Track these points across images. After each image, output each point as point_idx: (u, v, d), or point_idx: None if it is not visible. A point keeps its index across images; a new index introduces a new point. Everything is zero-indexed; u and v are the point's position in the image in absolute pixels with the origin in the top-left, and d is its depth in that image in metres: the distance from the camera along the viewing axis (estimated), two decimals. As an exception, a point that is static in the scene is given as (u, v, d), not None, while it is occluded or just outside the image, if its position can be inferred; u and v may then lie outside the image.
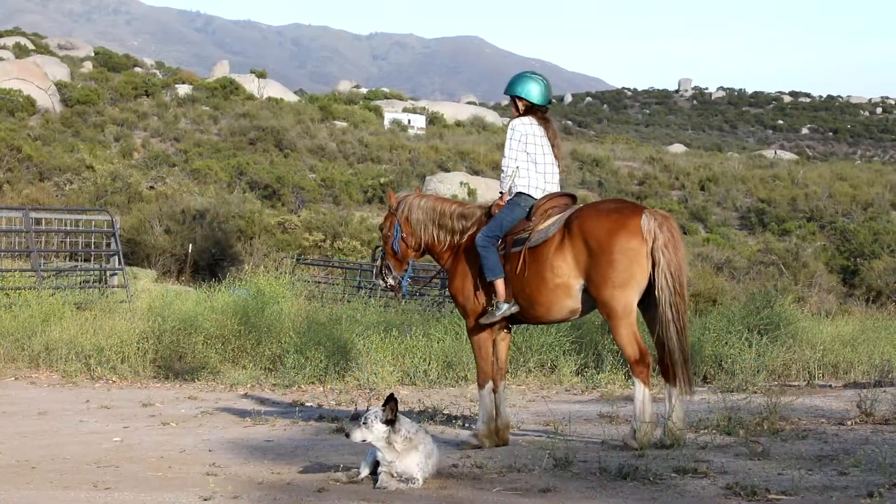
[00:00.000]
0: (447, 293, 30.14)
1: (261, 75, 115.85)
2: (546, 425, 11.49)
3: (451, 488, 8.57)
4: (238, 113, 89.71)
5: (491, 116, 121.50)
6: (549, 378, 16.26)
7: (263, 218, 52.90)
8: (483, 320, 10.26)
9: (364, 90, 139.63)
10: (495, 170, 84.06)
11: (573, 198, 10.38)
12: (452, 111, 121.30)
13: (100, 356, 16.77)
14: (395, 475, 8.59)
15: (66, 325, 18.01)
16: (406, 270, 10.98)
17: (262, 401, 14.26)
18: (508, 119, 10.38)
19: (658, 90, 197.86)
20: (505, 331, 10.53)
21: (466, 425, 11.89)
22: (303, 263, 39.74)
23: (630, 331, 9.67)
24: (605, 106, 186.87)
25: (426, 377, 15.67)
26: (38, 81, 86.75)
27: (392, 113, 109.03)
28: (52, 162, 67.32)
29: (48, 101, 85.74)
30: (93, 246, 27.07)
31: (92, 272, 26.35)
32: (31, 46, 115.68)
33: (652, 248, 9.49)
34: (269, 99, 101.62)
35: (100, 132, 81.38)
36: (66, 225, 28.24)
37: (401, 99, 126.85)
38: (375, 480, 8.66)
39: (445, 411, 12.60)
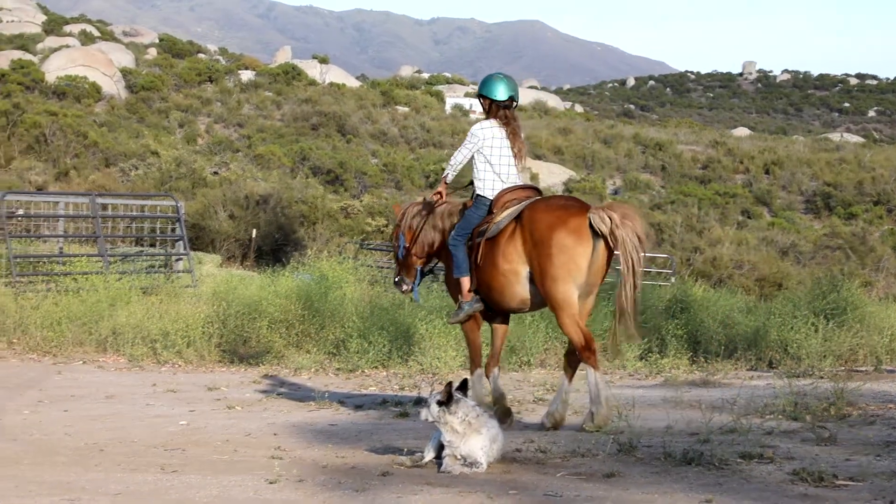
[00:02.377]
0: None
1: (323, 61, 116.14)
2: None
3: (515, 472, 8.56)
4: (300, 98, 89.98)
5: (553, 101, 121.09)
6: (613, 363, 16.19)
7: (326, 203, 53.05)
8: (449, 321, 11.06)
9: (426, 75, 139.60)
10: (557, 154, 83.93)
11: (537, 190, 10.92)
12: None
13: (165, 340, 16.89)
14: (459, 459, 8.60)
15: (133, 309, 18.16)
16: (416, 277, 11.48)
17: (326, 385, 14.31)
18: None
19: (721, 73, 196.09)
20: (500, 320, 11.08)
21: (532, 410, 11.87)
22: (365, 248, 39.83)
23: (572, 320, 10.15)
24: (667, 90, 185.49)
25: (489, 362, 15.65)
26: (104, 68, 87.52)
27: (453, 98, 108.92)
28: (117, 148, 67.89)
29: (113, 88, 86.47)
30: (158, 231, 27.27)
31: (157, 257, 26.54)
32: (96, 34, 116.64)
33: (611, 230, 9.98)
34: (332, 84, 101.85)
35: (164, 118, 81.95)
36: (131, 210, 28.48)
37: (462, 84, 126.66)
38: (440, 464, 8.67)
39: (508, 396, 12.59)
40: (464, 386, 8.80)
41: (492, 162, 10.78)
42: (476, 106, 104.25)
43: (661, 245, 59.87)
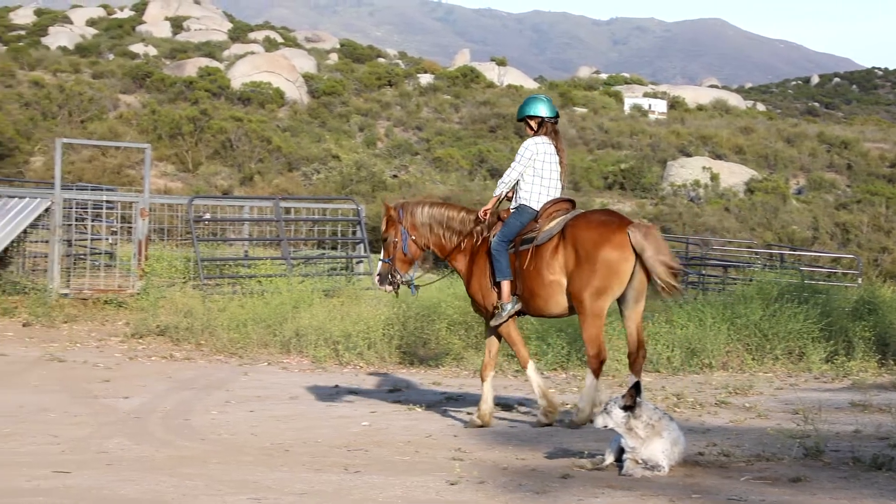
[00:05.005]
0: (689, 280, 29.77)
1: (501, 63, 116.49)
2: (795, 413, 11.20)
3: (697, 476, 8.46)
4: (479, 101, 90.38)
5: (734, 100, 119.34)
6: (797, 366, 15.87)
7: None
8: (492, 322, 11.39)
9: (604, 76, 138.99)
10: (738, 153, 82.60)
11: (573, 203, 11.53)
12: (694, 95, 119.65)
13: (347, 342, 17.09)
14: (640, 462, 8.52)
15: (315, 311, 18.43)
16: (411, 272, 12.07)
17: (505, 386, 14.32)
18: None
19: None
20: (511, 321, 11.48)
21: (714, 412, 11.72)
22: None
23: (597, 331, 10.71)
24: (853, 86, 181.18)
25: (669, 364, 15.49)
26: (287, 74, 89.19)
27: (632, 98, 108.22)
28: (299, 152, 69.12)
29: (296, 93, 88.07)
30: (339, 234, 27.63)
31: (339, 260, 26.90)
32: (279, 40, 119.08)
33: (642, 259, 10.45)
34: (510, 86, 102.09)
35: (345, 122, 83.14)
36: (313, 214, 28.93)
37: (641, 84, 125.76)
38: (620, 467, 8.60)
39: (689, 399, 12.44)
40: (637, 388, 8.70)
41: (542, 175, 11.41)
42: (655, 106, 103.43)
43: (847, 245, 58.54)
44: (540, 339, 16.15)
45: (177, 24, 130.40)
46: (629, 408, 8.59)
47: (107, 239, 25.69)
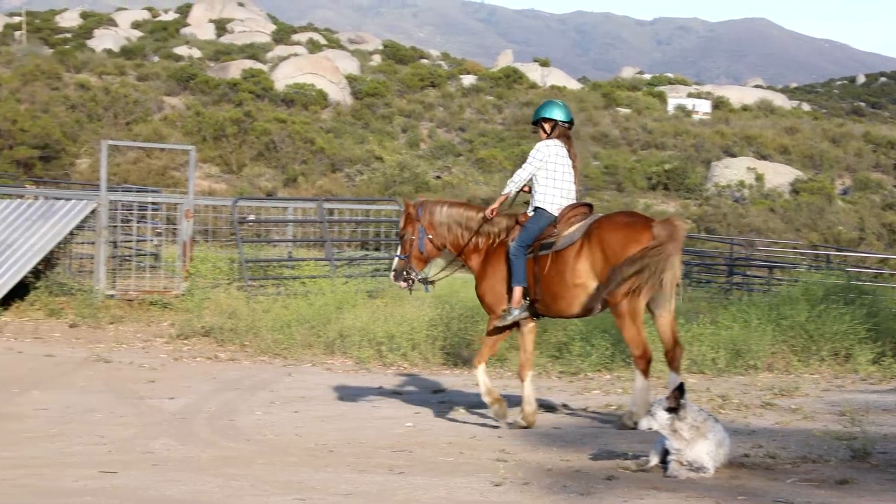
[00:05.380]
0: (733, 281, 29.64)
1: (544, 64, 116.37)
2: (841, 415, 11.13)
3: (743, 478, 8.42)
4: (521, 102, 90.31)
5: (779, 100, 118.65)
6: (844, 367, 15.75)
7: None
8: (497, 323, 11.50)
9: (647, 76, 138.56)
10: (783, 154, 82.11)
11: (591, 207, 11.68)
12: (738, 95, 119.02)
13: (391, 343, 17.11)
14: (686, 464, 8.49)
15: (359, 312, 18.46)
16: (426, 269, 12.31)
17: (549, 388, 14.30)
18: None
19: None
20: (532, 323, 11.64)
21: (759, 414, 11.66)
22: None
23: (636, 331, 10.76)
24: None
25: (714, 365, 15.41)
26: (330, 75, 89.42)
27: (676, 98, 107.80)
28: (342, 153, 69.25)
29: (339, 95, 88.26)
30: (382, 235, 27.66)
31: (382, 261, 26.93)
32: (323, 42, 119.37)
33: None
34: (552, 87, 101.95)
35: (388, 123, 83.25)
36: (357, 215, 28.98)
37: (685, 84, 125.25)
38: (665, 469, 8.58)
39: (735, 400, 12.38)
40: (681, 390, 8.67)
41: (556, 178, 11.52)
42: (699, 106, 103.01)
43: (894, 246, 58.10)
44: (584, 340, 16.10)
45: (221, 26, 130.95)
46: (673, 409, 8.56)
47: (152, 240, 25.85)
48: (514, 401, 13.05)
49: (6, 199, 23.66)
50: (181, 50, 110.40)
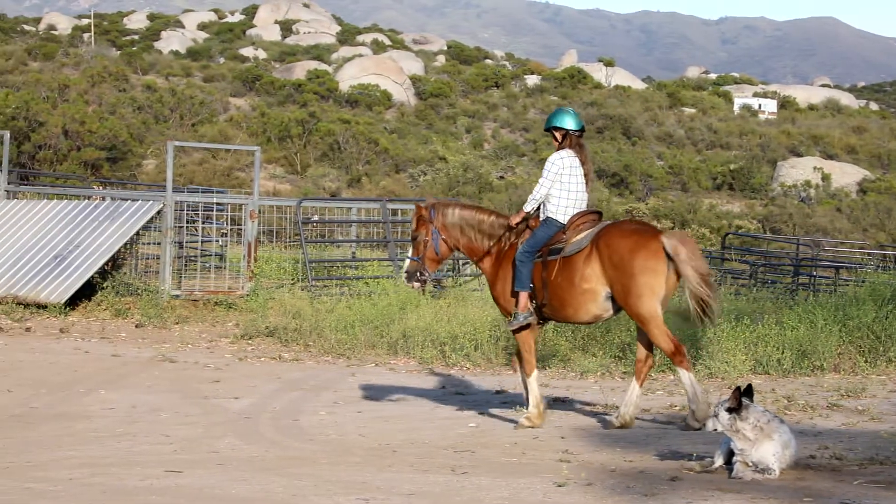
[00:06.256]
0: (799, 281, 29.39)
1: (608, 64, 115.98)
2: (909, 418, 11.02)
3: (809, 480, 8.35)
4: (586, 102, 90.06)
5: (846, 99, 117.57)
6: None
7: (611, 206, 52.88)
8: (505, 327, 11.82)
9: (713, 76, 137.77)
10: (850, 153, 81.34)
11: (600, 214, 11.91)
12: (805, 95, 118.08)
13: (454, 343, 17.09)
14: (751, 465, 8.43)
15: (422, 313, 18.46)
16: (436, 271, 12.66)
17: (612, 388, 14.25)
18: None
19: None
20: (538, 326, 11.83)
21: (826, 415, 11.56)
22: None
23: (661, 330, 10.93)
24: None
25: (779, 366, 15.28)
26: (394, 76, 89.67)
27: (742, 98, 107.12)
28: (406, 154, 69.41)
29: (403, 95, 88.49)
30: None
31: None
32: (387, 42, 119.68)
33: (677, 264, 10.81)
34: (617, 87, 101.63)
35: (451, 124, 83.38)
36: (421, 215, 28.94)
37: (751, 84, 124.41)
38: (730, 470, 8.53)
39: (800, 401, 12.28)
40: (749, 391, 8.62)
41: (569, 189, 11.64)
42: (765, 106, 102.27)
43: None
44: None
45: (286, 27, 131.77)
46: (734, 410, 8.51)
47: (217, 241, 26.02)
48: (577, 400, 13.03)
49: (74, 199, 23.94)
50: (247, 51, 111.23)
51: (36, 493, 8.32)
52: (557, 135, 11.89)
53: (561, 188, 11.59)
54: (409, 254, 12.17)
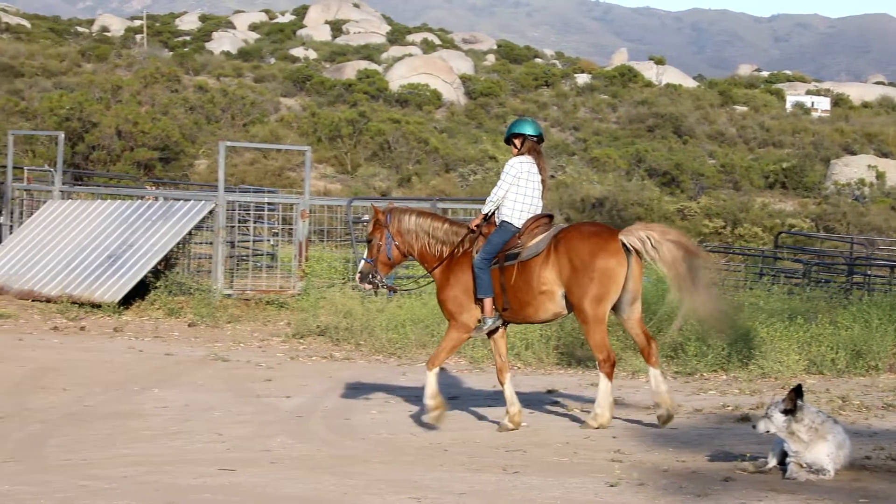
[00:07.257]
0: (853, 280, 29.16)
1: (659, 62, 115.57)
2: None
3: (864, 481, 8.29)
4: (636, 100, 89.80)
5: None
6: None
7: (662, 205, 52.67)
8: (474, 334, 11.87)
9: (765, 73, 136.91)
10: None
11: (551, 218, 12.10)
12: (859, 92, 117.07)
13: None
14: (805, 466, 8.38)
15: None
16: (390, 275, 12.93)
17: (677, 390, 14.16)
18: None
19: None
20: (502, 329, 11.91)
21: (881, 416, 11.46)
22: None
23: (602, 336, 11.28)
24: None
25: (833, 366, 15.16)
26: (444, 75, 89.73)
27: (794, 96, 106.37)
28: (456, 153, 69.40)
29: (453, 95, 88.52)
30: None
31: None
32: (437, 42, 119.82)
33: (648, 250, 11.14)
34: (668, 85, 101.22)
35: (501, 123, 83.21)
36: (471, 214, 28.99)
37: (803, 81, 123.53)
38: (784, 471, 8.47)
39: (855, 402, 12.18)
40: (799, 391, 8.56)
41: (525, 193, 11.83)
42: (818, 103, 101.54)
43: None
44: (699, 340, 15.94)
45: (336, 27, 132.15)
46: (789, 411, 8.45)
47: (268, 240, 26.13)
48: (627, 400, 12.98)
49: (127, 200, 24.11)
50: (297, 51, 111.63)
51: (91, 490, 8.39)
52: (517, 142, 12.05)
53: (517, 192, 11.79)
54: (364, 255, 12.33)
